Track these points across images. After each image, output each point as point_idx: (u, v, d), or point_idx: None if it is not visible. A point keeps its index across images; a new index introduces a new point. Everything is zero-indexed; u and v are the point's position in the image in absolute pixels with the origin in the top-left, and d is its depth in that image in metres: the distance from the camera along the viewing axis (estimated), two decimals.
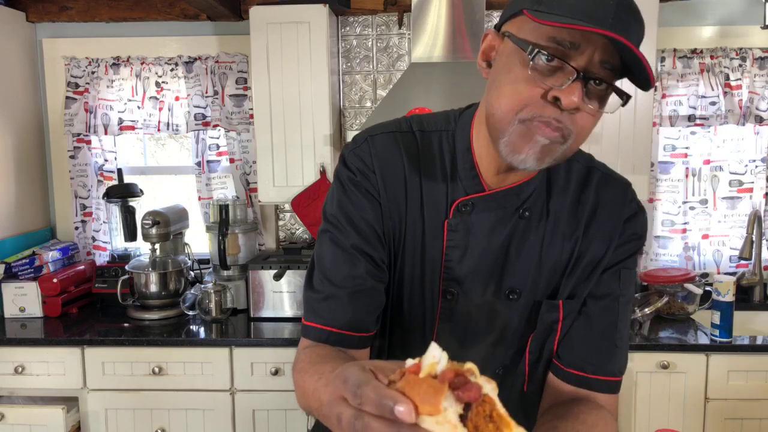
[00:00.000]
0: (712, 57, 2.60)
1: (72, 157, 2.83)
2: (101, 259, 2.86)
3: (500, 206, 0.92)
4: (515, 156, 0.82)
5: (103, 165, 2.87)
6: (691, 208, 2.71)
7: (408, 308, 0.97)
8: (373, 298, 0.94)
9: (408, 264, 0.95)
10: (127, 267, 2.59)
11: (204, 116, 2.76)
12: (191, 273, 2.76)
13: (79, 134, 2.82)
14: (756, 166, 2.68)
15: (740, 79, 2.61)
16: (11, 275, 2.55)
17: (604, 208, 0.97)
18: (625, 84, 0.81)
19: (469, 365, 0.59)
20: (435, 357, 0.55)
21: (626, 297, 0.99)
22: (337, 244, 0.93)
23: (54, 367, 2.31)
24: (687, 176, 2.69)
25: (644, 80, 0.78)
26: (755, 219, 2.59)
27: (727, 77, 2.60)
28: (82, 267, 2.71)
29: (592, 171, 0.99)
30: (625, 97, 0.80)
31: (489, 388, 0.54)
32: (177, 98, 2.80)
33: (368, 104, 2.82)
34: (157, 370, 2.29)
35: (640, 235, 0.99)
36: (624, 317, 0.98)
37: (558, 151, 0.81)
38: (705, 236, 2.73)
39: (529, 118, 0.78)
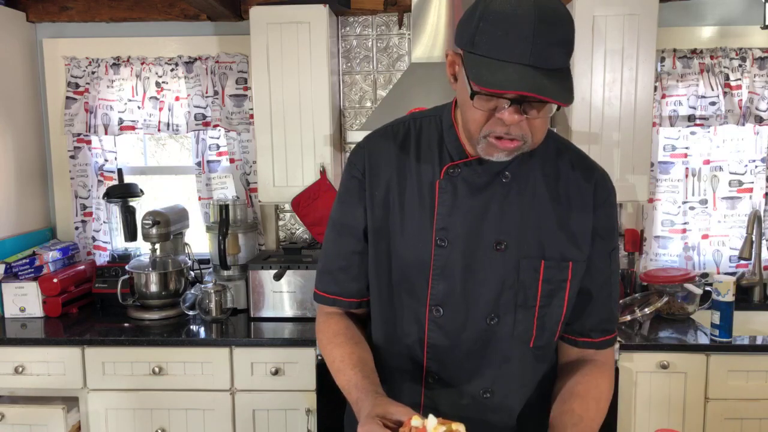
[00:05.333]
0: (711, 57, 2.60)
1: (72, 157, 2.83)
2: (101, 259, 2.86)
3: (484, 170, 1.10)
4: (489, 157, 1.04)
5: (104, 165, 2.87)
6: (691, 208, 2.71)
7: (409, 258, 1.14)
8: (354, 270, 1.20)
9: (404, 222, 1.14)
10: (127, 267, 2.59)
11: (204, 116, 2.76)
12: (191, 273, 2.76)
13: (79, 134, 2.82)
14: (756, 166, 2.68)
15: (740, 79, 2.61)
16: (11, 275, 2.55)
17: (577, 180, 1.15)
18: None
19: (457, 426, 0.92)
20: (434, 425, 0.91)
21: (614, 245, 1.19)
22: (332, 230, 1.23)
23: (54, 367, 2.31)
24: (687, 176, 2.69)
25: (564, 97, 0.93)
26: (755, 219, 2.60)
27: (727, 77, 2.60)
28: (82, 267, 2.72)
29: (565, 147, 1.18)
30: (557, 105, 0.96)
31: None
32: (177, 98, 2.80)
33: (368, 104, 2.82)
34: (157, 370, 2.29)
35: (611, 191, 1.18)
36: (616, 267, 1.20)
37: (523, 148, 1.02)
38: (705, 236, 2.73)
39: (487, 134, 1.01)
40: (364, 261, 1.20)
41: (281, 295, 2.48)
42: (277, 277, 2.44)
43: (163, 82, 2.79)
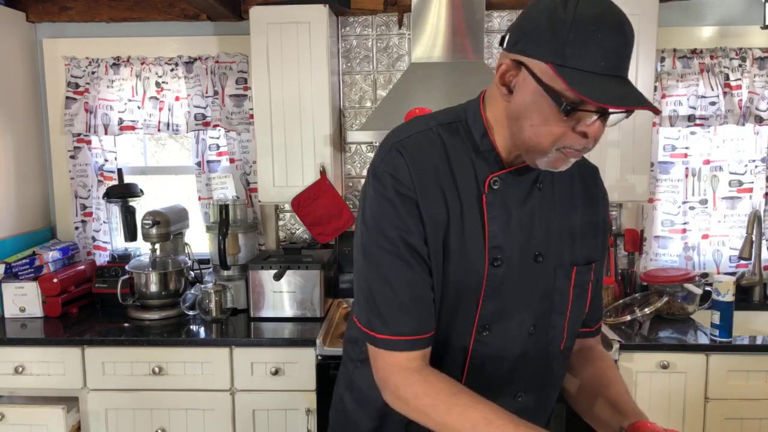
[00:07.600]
0: (711, 57, 2.61)
1: (72, 157, 2.83)
2: (101, 259, 2.87)
3: (524, 180, 1.08)
4: (552, 169, 1.01)
5: (104, 165, 2.87)
6: (691, 208, 2.71)
7: (455, 282, 1.06)
8: (431, 301, 1.05)
9: (454, 242, 1.05)
10: (127, 267, 2.59)
11: (204, 116, 2.76)
12: (191, 273, 2.76)
13: (79, 134, 2.82)
14: (756, 166, 2.68)
15: (740, 79, 2.61)
16: (11, 275, 2.55)
17: (585, 179, 1.18)
18: None
19: None
20: None
21: (607, 237, 1.24)
22: (393, 257, 1.03)
23: (54, 367, 2.31)
24: (687, 176, 2.69)
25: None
26: (755, 219, 2.60)
27: (727, 77, 2.61)
28: (82, 267, 2.71)
29: None
30: (628, 113, 0.95)
31: None
32: (177, 98, 2.80)
33: (368, 104, 2.82)
34: (157, 370, 2.29)
35: (605, 191, 1.23)
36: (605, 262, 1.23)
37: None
38: (705, 236, 2.73)
39: (563, 147, 0.97)
40: (431, 289, 1.07)
41: (281, 295, 2.48)
42: (277, 277, 2.44)
43: (163, 82, 2.79)
